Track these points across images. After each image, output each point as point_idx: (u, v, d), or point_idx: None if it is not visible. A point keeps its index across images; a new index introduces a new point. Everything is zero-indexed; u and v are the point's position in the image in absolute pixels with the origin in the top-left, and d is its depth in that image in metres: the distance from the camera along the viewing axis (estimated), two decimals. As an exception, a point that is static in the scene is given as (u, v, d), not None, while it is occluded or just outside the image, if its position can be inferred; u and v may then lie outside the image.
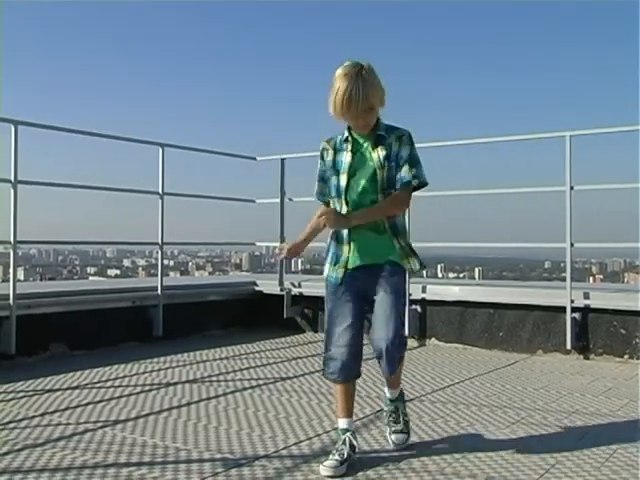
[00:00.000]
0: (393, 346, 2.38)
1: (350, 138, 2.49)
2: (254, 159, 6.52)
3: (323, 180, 2.58)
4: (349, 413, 2.51)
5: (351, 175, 2.45)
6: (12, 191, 4.35)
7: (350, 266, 2.47)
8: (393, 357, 2.41)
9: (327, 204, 2.58)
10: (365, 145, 2.48)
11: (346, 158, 2.47)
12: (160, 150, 5.40)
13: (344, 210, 2.48)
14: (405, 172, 2.43)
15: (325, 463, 2.35)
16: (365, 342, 2.48)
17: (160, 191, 5.36)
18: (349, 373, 2.48)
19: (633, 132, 4.57)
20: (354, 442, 2.45)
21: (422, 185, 2.47)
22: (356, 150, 2.48)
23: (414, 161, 2.45)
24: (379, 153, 2.43)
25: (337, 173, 2.49)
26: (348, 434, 2.46)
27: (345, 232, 2.49)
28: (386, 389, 2.72)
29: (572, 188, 4.68)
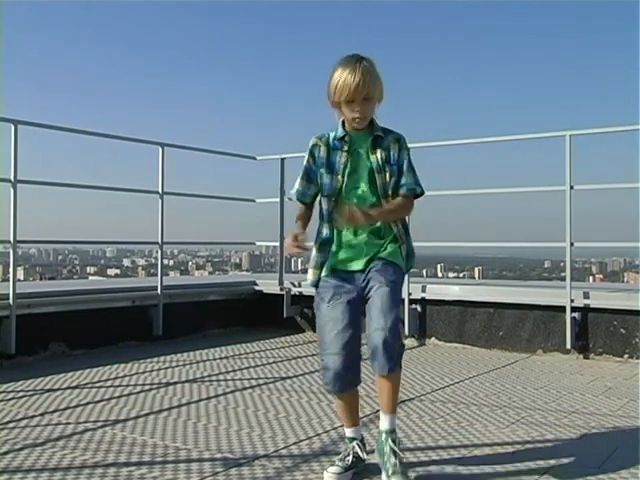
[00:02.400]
0: (392, 336, 2.15)
1: (347, 137, 2.33)
2: (254, 159, 6.52)
3: (309, 179, 2.37)
4: (354, 422, 2.39)
5: (347, 177, 2.30)
6: (12, 191, 4.35)
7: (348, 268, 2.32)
8: (392, 349, 2.16)
9: (305, 205, 2.40)
10: (363, 146, 2.32)
11: (342, 158, 2.31)
12: (160, 150, 5.40)
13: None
14: (410, 179, 2.33)
15: (329, 469, 2.25)
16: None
17: (160, 190, 5.36)
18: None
19: (633, 132, 4.57)
20: (360, 452, 2.32)
21: (422, 194, 2.38)
22: (353, 150, 2.32)
23: (413, 168, 2.36)
24: (378, 156, 2.30)
25: (330, 172, 2.31)
26: (354, 443, 2.34)
27: (327, 232, 2.34)
28: (381, 415, 2.28)
29: (572, 188, 4.68)
